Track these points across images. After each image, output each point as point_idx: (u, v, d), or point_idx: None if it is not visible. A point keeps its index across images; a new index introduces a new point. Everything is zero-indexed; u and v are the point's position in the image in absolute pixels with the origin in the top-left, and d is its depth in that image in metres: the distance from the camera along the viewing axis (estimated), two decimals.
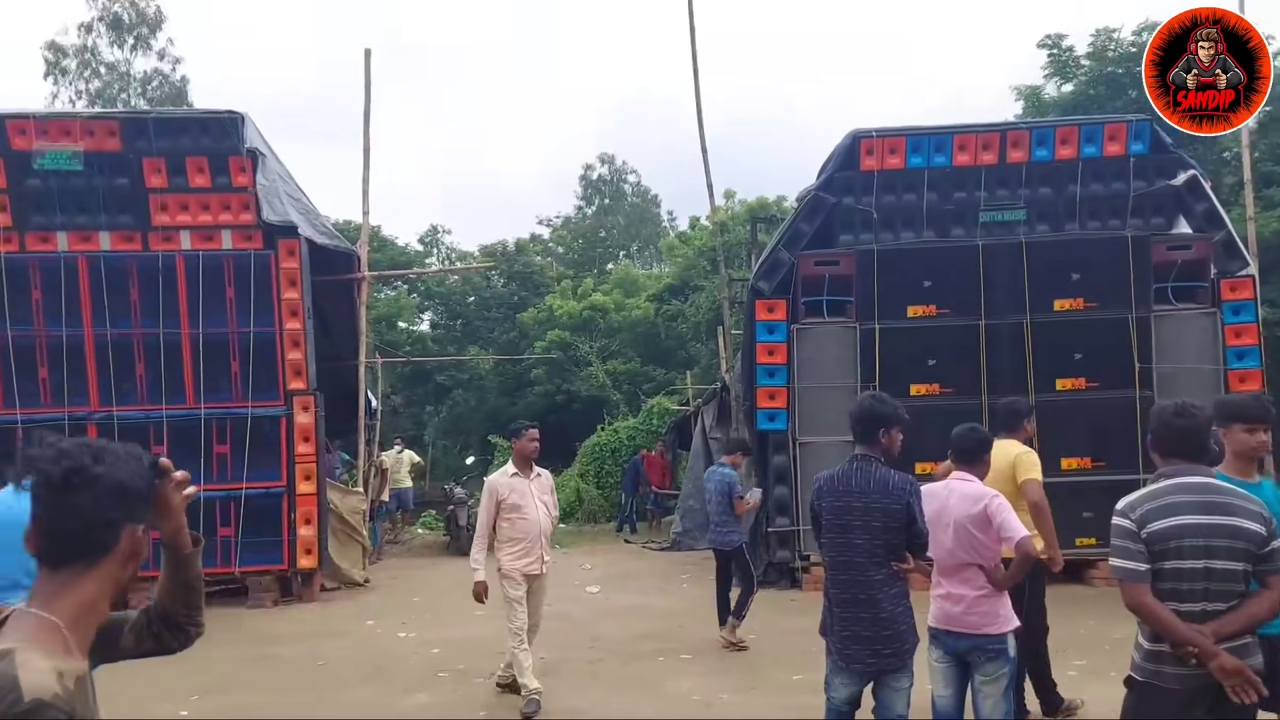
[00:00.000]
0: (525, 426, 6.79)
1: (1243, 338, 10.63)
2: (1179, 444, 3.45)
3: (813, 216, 11.20)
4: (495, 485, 6.70)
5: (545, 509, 6.71)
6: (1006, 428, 6.00)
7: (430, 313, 34.48)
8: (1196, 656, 3.18)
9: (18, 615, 1.72)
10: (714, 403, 15.12)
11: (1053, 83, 22.14)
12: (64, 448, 1.73)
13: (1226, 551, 3.23)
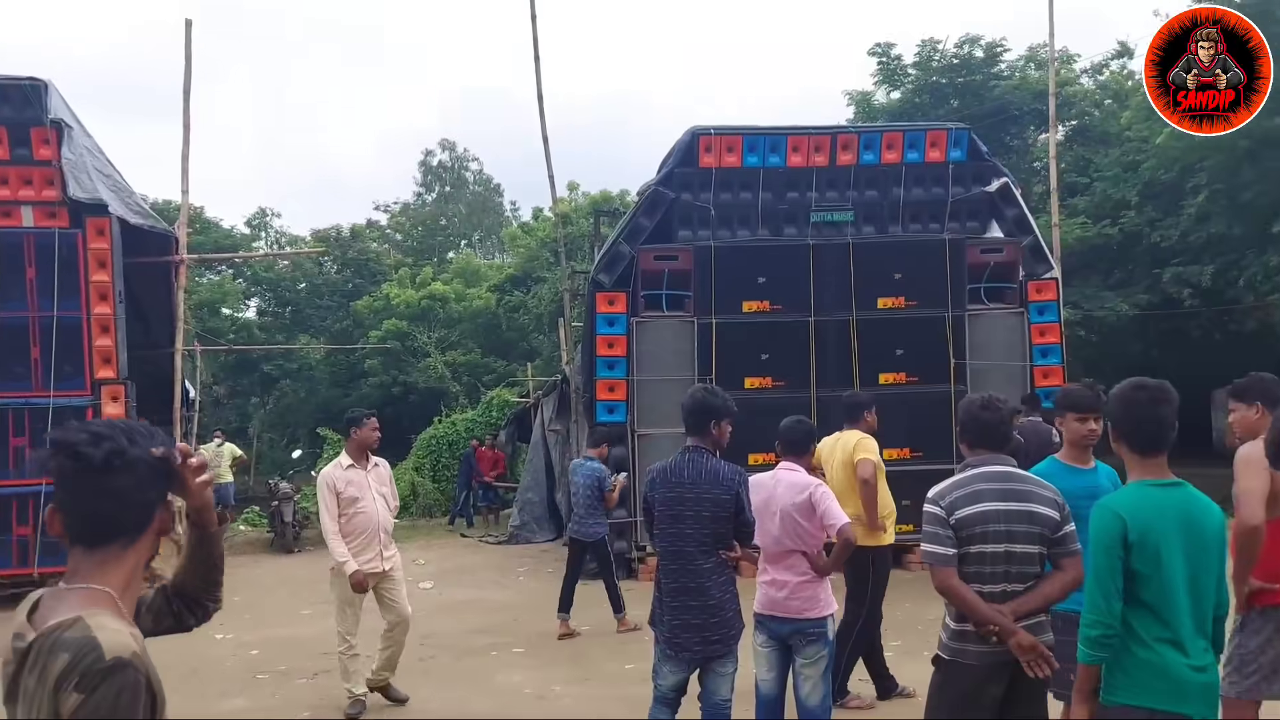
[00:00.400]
0: (366, 414, 6.48)
1: (1046, 336, 11.39)
2: (984, 435, 3.65)
3: (653, 211, 11.31)
4: (331, 479, 6.35)
5: (384, 501, 6.41)
6: (849, 419, 6.31)
7: (257, 299, 32.95)
8: (997, 635, 3.38)
9: (58, 593, 1.73)
10: (554, 395, 15.07)
11: (882, 89, 23.16)
12: (98, 430, 1.75)
13: (1025, 536, 3.44)
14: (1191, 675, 2.97)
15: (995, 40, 22.15)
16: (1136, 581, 2.98)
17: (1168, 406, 3.10)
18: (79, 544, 1.77)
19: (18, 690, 1.68)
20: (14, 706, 1.70)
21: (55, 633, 1.66)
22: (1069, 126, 21.75)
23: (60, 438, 1.76)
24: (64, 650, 1.62)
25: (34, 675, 1.64)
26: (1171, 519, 3.00)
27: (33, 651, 1.66)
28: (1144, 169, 18.00)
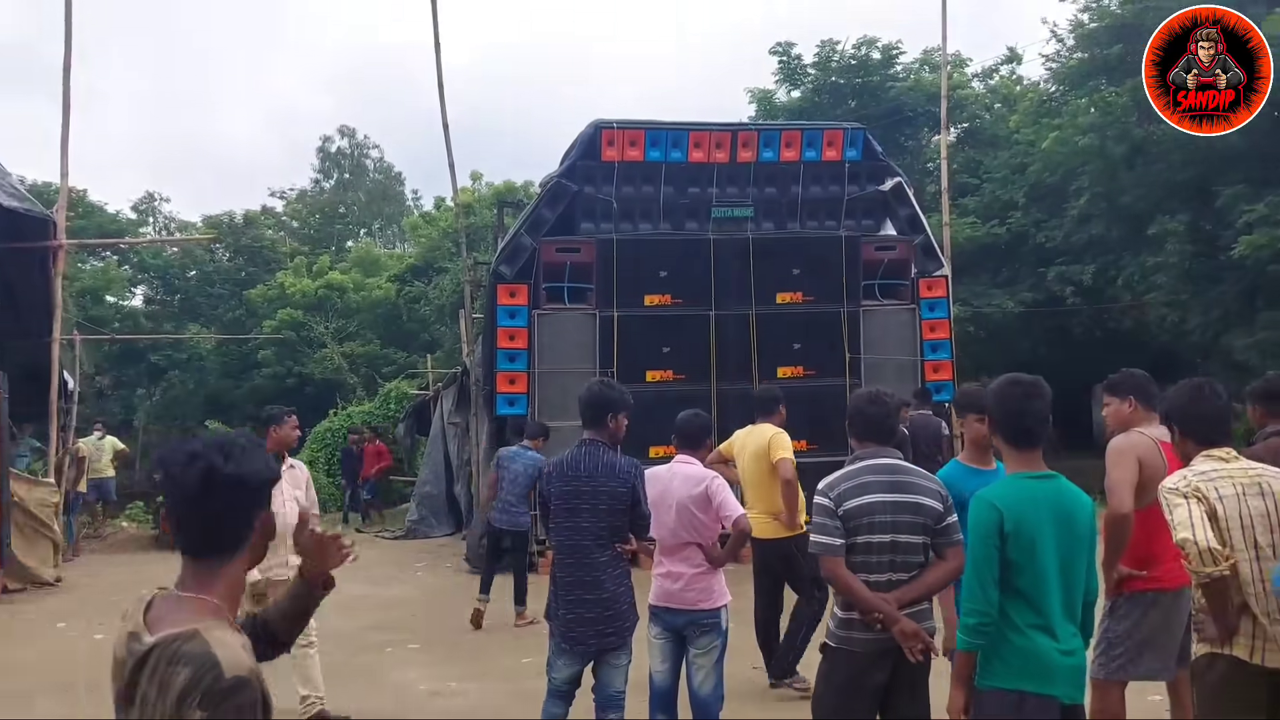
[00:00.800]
0: (286, 412, 6.10)
1: (937, 332, 11.76)
2: (871, 429, 3.75)
3: (555, 203, 11.27)
4: None
5: (296, 505, 5.96)
6: (764, 412, 6.38)
7: (144, 287, 31.63)
8: (882, 622, 3.48)
9: (171, 599, 1.81)
10: (454, 387, 14.89)
11: (783, 88, 23.53)
12: (194, 450, 1.82)
13: (909, 526, 3.54)
14: (1060, 659, 3.11)
15: (891, 43, 22.73)
16: (1011, 570, 3.10)
17: (1041, 401, 3.23)
18: (185, 554, 1.87)
19: (135, 693, 1.73)
20: (129, 707, 1.75)
21: (175, 644, 1.72)
22: (960, 129, 22.47)
23: (160, 456, 1.88)
24: (185, 665, 1.68)
25: (154, 685, 1.70)
26: (1045, 510, 3.14)
27: (152, 658, 1.72)
28: (1030, 172, 18.72)
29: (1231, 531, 3.28)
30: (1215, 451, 3.44)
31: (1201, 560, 3.17)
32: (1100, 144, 16.70)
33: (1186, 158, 16.13)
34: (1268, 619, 3.26)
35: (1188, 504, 3.26)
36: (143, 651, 1.74)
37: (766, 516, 6.07)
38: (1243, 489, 3.33)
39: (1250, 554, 3.27)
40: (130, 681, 1.75)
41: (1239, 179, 15.04)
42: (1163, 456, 4.24)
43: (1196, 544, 3.18)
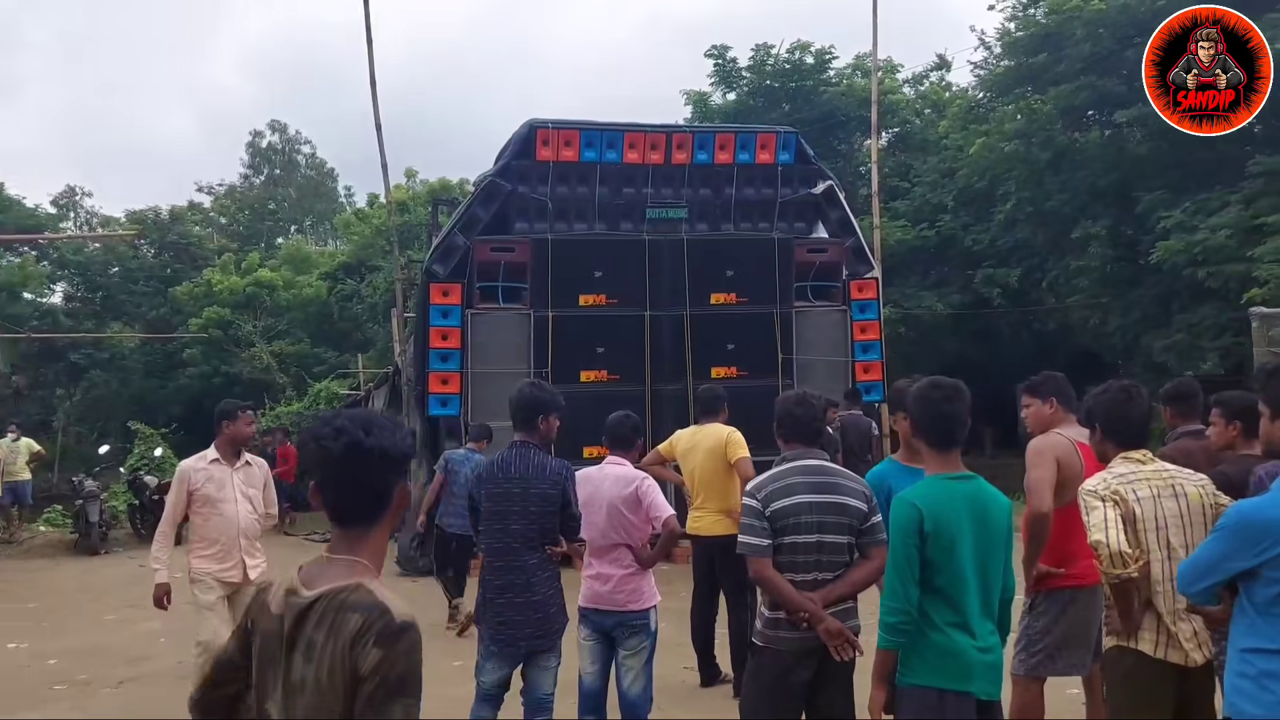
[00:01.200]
0: (241, 407, 5.80)
1: (867, 333, 11.92)
2: (798, 430, 3.83)
3: (489, 202, 11.18)
4: (187, 471, 5.66)
5: (250, 505, 5.72)
6: (709, 412, 6.40)
7: (64, 284, 30.61)
8: (808, 621, 3.51)
9: (322, 562, 1.97)
10: (385, 387, 14.70)
11: (719, 91, 23.68)
12: (340, 425, 1.96)
13: (835, 526, 3.60)
14: (978, 656, 3.18)
15: (825, 48, 23.00)
16: (931, 569, 3.16)
17: (961, 404, 3.30)
18: (335, 522, 2.00)
19: (297, 641, 1.87)
20: (292, 656, 1.88)
21: (341, 594, 1.87)
22: (891, 133, 22.85)
23: (310, 430, 2.02)
24: (355, 611, 1.84)
25: (321, 631, 1.85)
26: (963, 510, 3.20)
27: (317, 609, 1.87)
28: (959, 176, 19.11)
29: (1148, 533, 3.34)
30: (1133, 454, 3.50)
31: (1112, 562, 3.25)
32: (1026, 150, 17.13)
33: (1108, 164, 16.64)
34: (1171, 617, 3.35)
35: (1104, 507, 3.32)
36: (305, 604, 1.89)
37: (719, 514, 6.09)
38: (1158, 491, 3.40)
39: (1162, 554, 3.34)
40: (290, 634, 1.90)
41: (1158, 185, 15.54)
42: (1080, 457, 4.34)
43: (1108, 547, 3.24)
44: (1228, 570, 2.81)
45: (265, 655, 1.95)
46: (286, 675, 1.90)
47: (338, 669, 1.82)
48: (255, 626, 2.00)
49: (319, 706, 1.85)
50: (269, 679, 1.94)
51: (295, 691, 1.88)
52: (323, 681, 1.84)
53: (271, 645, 1.93)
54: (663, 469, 6.48)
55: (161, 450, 17.64)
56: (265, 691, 1.95)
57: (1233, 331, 13.82)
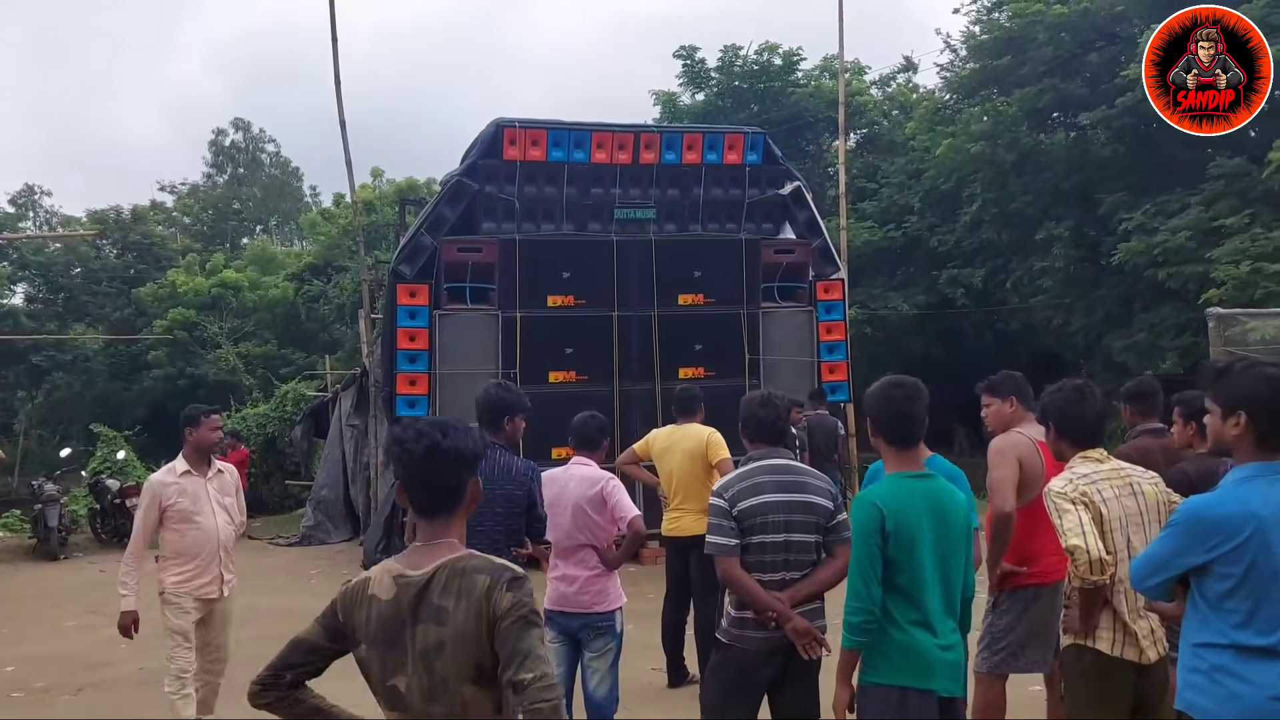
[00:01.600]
0: (205, 411, 5.44)
1: (833, 334, 11.98)
2: (762, 430, 3.87)
3: (456, 202, 11.11)
4: (157, 487, 5.28)
5: (227, 515, 5.43)
6: (686, 412, 6.38)
7: (25, 284, 30.09)
8: (775, 620, 3.53)
9: (418, 549, 2.25)
10: (353, 388, 14.57)
11: (688, 91, 23.72)
12: (421, 429, 2.25)
13: (802, 525, 3.62)
14: (939, 654, 3.20)
15: (793, 50, 23.11)
16: (892, 568, 3.18)
17: (920, 403, 3.32)
18: (420, 515, 2.27)
19: (421, 612, 2.16)
20: (417, 628, 2.16)
21: (459, 563, 2.19)
22: (859, 134, 23.00)
23: (393, 434, 2.30)
24: (479, 573, 2.16)
25: (449, 596, 2.15)
26: (922, 508, 3.22)
27: (437, 580, 2.17)
28: (925, 178, 19.27)
29: (1115, 533, 3.36)
30: (1090, 453, 3.51)
31: (1091, 569, 3.24)
32: (991, 151, 17.31)
33: (1072, 166, 16.86)
34: (1130, 615, 3.37)
35: (1076, 510, 3.31)
36: (423, 580, 2.18)
37: (699, 514, 6.06)
38: (1118, 490, 3.42)
39: (1124, 553, 3.35)
40: (413, 609, 2.17)
41: (1120, 187, 15.76)
42: (1041, 456, 4.38)
43: (1088, 553, 3.23)
44: (1180, 566, 2.83)
45: (385, 637, 2.19)
46: (414, 646, 2.16)
47: (474, 618, 2.12)
48: (357, 616, 2.23)
49: (460, 655, 2.14)
50: (392, 657, 2.18)
51: (430, 655, 2.15)
52: (463, 633, 2.12)
53: (392, 626, 2.18)
54: (637, 468, 6.48)
55: (125, 453, 17.37)
56: (389, 669, 2.19)
57: (1191, 331, 14.04)
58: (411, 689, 2.17)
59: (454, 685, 2.15)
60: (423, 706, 2.17)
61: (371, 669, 2.22)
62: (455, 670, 2.15)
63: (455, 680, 2.15)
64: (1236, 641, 2.72)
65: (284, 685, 2.27)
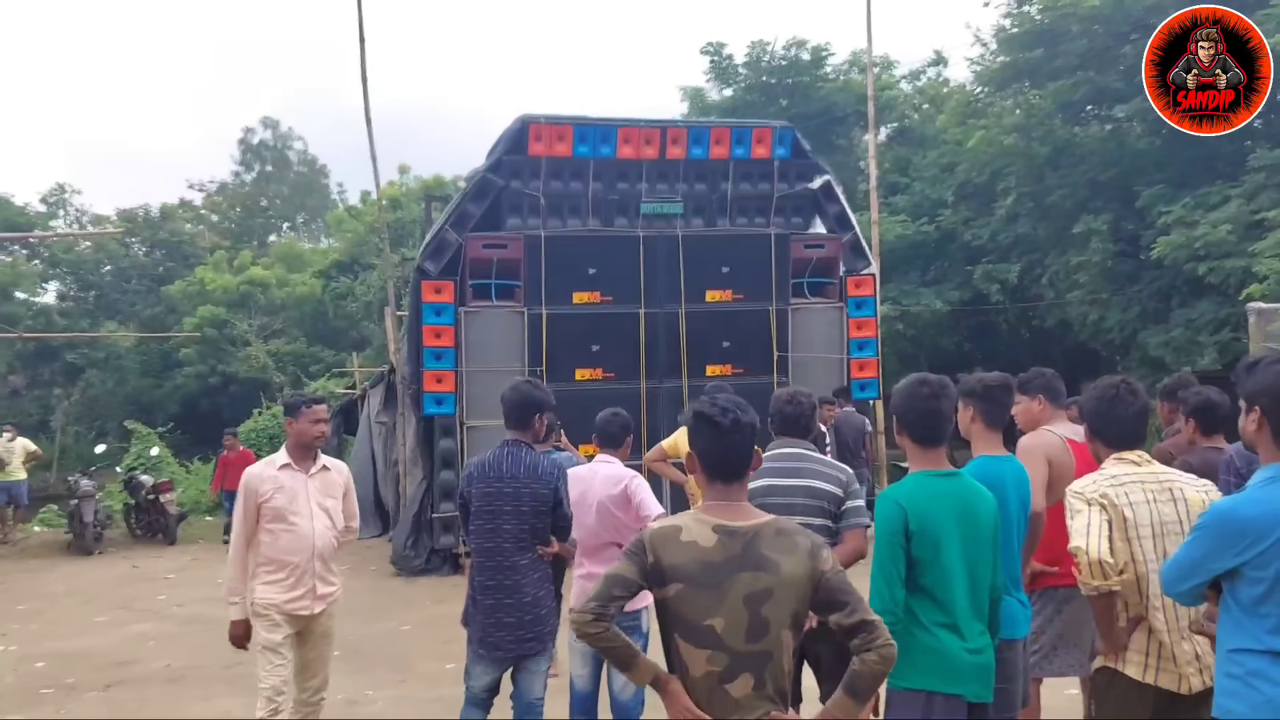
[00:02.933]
0: (306, 401, 4.87)
1: (863, 330, 11.84)
2: (787, 425, 4.08)
3: (481, 198, 11.07)
4: (254, 480, 4.69)
5: (328, 518, 4.77)
6: None
7: (57, 282, 30.49)
8: None
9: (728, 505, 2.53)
10: (381, 386, 14.59)
11: (715, 87, 23.60)
12: (724, 404, 2.55)
13: (804, 508, 3.76)
14: (968, 657, 3.09)
15: (821, 44, 22.93)
16: (917, 568, 3.08)
17: (947, 401, 3.23)
18: (719, 479, 2.54)
19: (747, 560, 2.42)
20: (741, 574, 2.41)
21: (778, 524, 2.50)
22: (890, 128, 22.78)
23: (697, 410, 2.57)
24: (797, 535, 2.48)
25: (776, 550, 2.44)
26: (948, 508, 3.12)
27: (764, 535, 2.46)
28: (958, 171, 19.02)
29: (1142, 540, 3.14)
30: (1127, 455, 3.29)
31: (1090, 572, 3.07)
32: (1025, 144, 17.04)
33: (1108, 159, 16.56)
34: (1168, 634, 3.12)
35: (1089, 511, 3.14)
36: (750, 532, 2.46)
37: None
38: (1153, 495, 3.19)
39: (1158, 563, 3.11)
40: (738, 557, 2.43)
41: (1158, 180, 15.46)
42: (1070, 454, 4.28)
43: (1088, 554, 3.05)
44: (1210, 570, 2.74)
45: (706, 579, 2.41)
46: (736, 589, 2.40)
47: (802, 571, 2.41)
48: (672, 558, 2.43)
49: (786, 601, 2.41)
50: (710, 598, 2.41)
51: (755, 600, 2.39)
52: (791, 582, 2.40)
53: (715, 570, 2.41)
54: (665, 466, 6.42)
55: (158, 450, 17.55)
56: (705, 609, 2.41)
57: (1231, 327, 13.75)
58: (730, 628, 2.40)
59: (775, 628, 2.41)
60: (742, 645, 2.40)
61: (681, 608, 2.43)
62: (777, 615, 2.41)
63: (776, 624, 2.41)
64: (1271, 647, 2.64)
65: (609, 616, 2.44)
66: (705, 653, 2.41)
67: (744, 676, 2.39)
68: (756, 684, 2.40)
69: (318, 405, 4.85)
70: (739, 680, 2.39)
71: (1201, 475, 3.46)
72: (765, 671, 2.41)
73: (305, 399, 4.92)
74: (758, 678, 2.40)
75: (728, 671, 2.40)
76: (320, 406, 4.85)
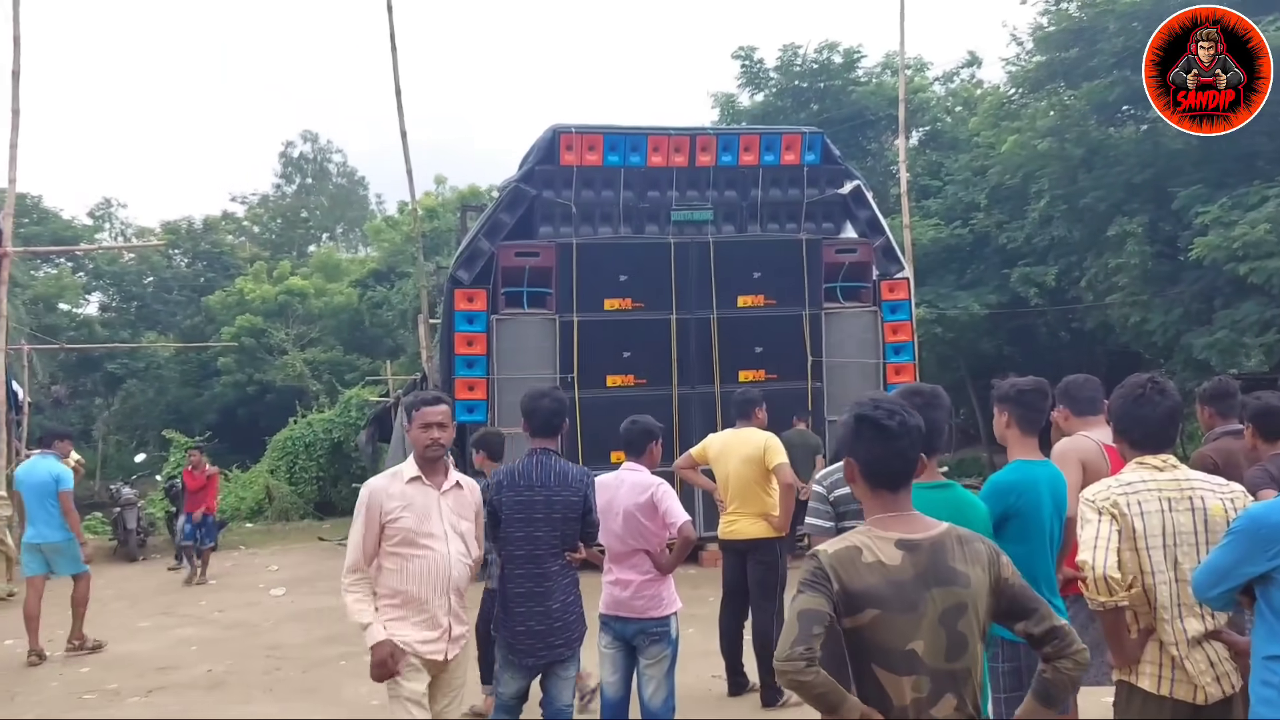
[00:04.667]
0: (425, 400, 4.01)
1: (899, 334, 11.76)
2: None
3: (513, 208, 11.16)
4: (377, 495, 3.91)
5: (462, 544, 3.97)
6: (743, 416, 6.32)
7: (100, 294, 31.07)
8: None
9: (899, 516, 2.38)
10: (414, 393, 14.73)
11: (746, 92, 23.54)
12: (891, 406, 2.42)
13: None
14: None
15: (853, 47, 22.80)
16: None
17: (941, 412, 3.18)
18: (885, 487, 2.39)
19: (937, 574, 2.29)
20: (932, 589, 2.28)
21: (956, 532, 2.37)
22: (922, 131, 22.59)
23: (861, 413, 2.41)
24: (976, 541, 2.38)
25: (962, 560, 2.32)
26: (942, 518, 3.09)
27: (946, 545, 2.33)
28: (991, 174, 18.82)
29: (1151, 551, 2.99)
30: (1149, 459, 3.13)
31: (1096, 588, 2.94)
32: (1059, 146, 16.83)
33: (1144, 160, 16.30)
34: (1177, 646, 2.99)
35: (1099, 521, 3.01)
36: (935, 544, 2.32)
37: (754, 517, 6.03)
38: (1169, 503, 3.04)
39: (1169, 574, 2.99)
40: (929, 573, 2.29)
41: (1195, 180, 15.20)
42: (1105, 459, 4.21)
43: (1094, 569, 2.93)
44: (1242, 575, 2.69)
45: (902, 601, 2.26)
46: (931, 608, 2.26)
47: (986, 581, 2.31)
48: (861, 582, 2.26)
49: (977, 614, 2.30)
50: (909, 620, 2.26)
51: (950, 616, 2.27)
52: (979, 594, 2.30)
53: (910, 590, 2.27)
54: (694, 473, 6.42)
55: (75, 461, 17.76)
56: (904, 633, 2.25)
57: (1277, 328, 13.49)
58: (930, 649, 2.26)
59: (971, 643, 2.29)
60: (943, 665, 2.27)
61: (879, 635, 2.26)
62: (971, 629, 2.29)
63: (972, 639, 2.30)
64: None
65: (818, 658, 2.23)
66: (909, 679, 2.26)
67: (947, 698, 2.27)
68: (959, 705, 2.28)
69: (430, 407, 3.93)
70: (942, 703, 2.27)
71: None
72: (965, 690, 2.29)
73: (425, 398, 4.05)
74: (959, 698, 2.29)
75: (931, 695, 2.26)
76: (434, 409, 3.93)
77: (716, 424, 9.82)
